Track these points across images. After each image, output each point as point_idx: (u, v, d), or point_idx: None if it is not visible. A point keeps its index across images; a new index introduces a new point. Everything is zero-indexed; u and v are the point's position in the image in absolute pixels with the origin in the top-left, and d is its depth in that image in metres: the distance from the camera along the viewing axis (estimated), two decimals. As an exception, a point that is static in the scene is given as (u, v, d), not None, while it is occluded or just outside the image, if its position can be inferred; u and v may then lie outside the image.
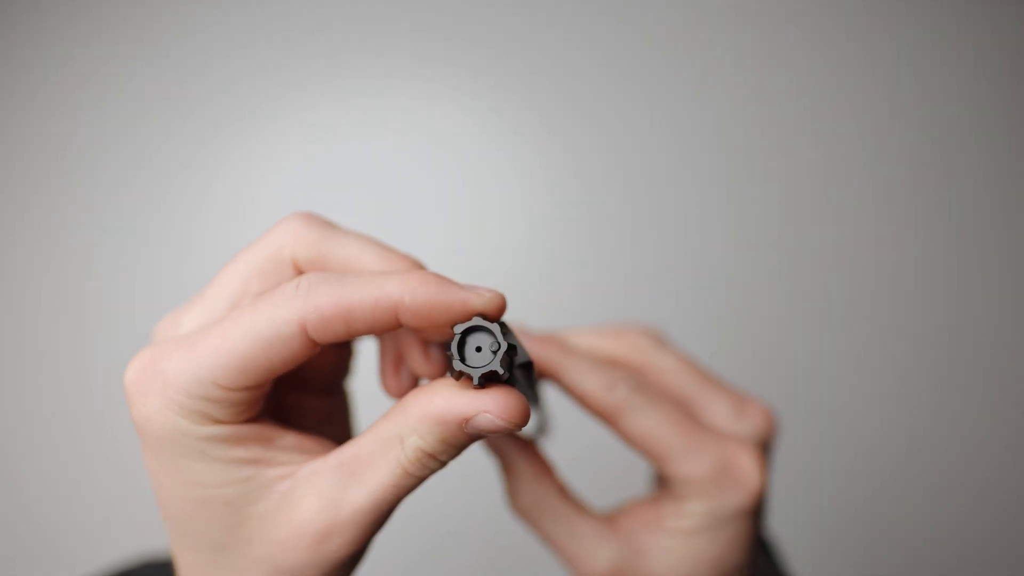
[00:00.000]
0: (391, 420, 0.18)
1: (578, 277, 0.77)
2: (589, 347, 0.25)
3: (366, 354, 0.30)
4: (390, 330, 0.17)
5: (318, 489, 0.17)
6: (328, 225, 0.19)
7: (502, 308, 0.18)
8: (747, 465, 0.22)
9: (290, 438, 0.19)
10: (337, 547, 0.18)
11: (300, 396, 0.21)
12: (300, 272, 0.19)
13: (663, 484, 0.25)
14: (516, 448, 0.24)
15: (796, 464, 0.78)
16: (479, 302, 0.17)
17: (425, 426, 0.17)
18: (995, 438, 0.78)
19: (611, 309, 0.77)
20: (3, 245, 0.80)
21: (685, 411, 0.23)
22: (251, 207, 0.81)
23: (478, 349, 0.17)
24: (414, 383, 0.22)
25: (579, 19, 0.82)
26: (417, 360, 0.19)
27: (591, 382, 0.23)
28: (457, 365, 0.17)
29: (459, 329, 0.17)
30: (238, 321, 0.17)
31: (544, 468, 0.24)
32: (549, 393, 0.29)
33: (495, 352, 0.17)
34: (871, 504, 0.79)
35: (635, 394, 0.22)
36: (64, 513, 0.75)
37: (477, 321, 0.17)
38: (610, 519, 0.24)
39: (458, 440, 0.17)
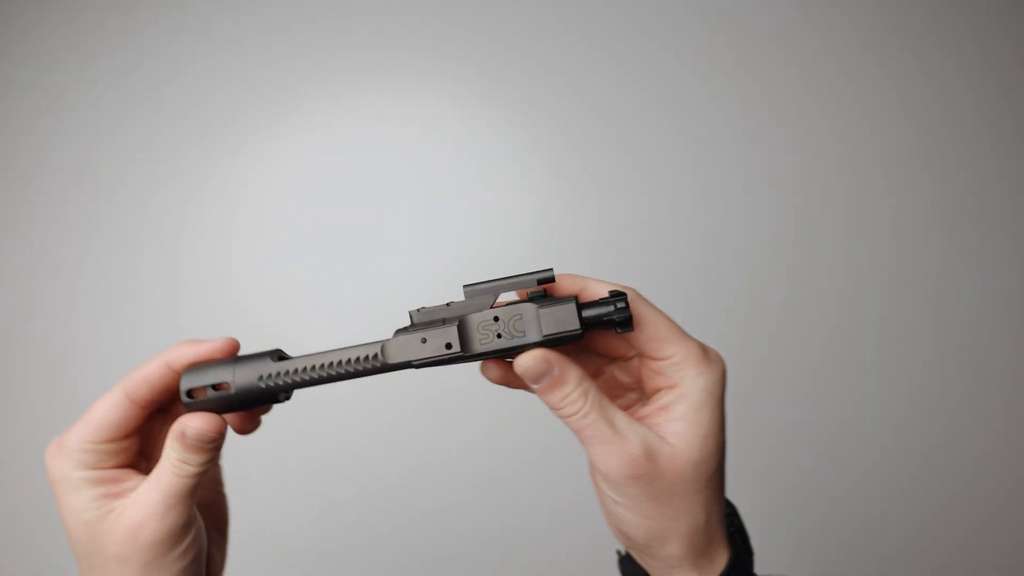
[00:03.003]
0: (166, 444, 0.31)
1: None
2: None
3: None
4: (172, 385, 0.32)
5: (135, 500, 0.30)
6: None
7: (191, 360, 0.31)
8: (714, 351, 0.31)
9: (136, 479, 0.31)
10: (151, 532, 0.30)
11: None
12: None
13: (640, 400, 0.33)
14: (564, 359, 0.29)
15: (800, 469, 0.77)
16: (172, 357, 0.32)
17: (171, 442, 0.30)
18: (998, 442, 0.78)
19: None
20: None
21: None
22: (248, 207, 0.81)
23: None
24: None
25: (586, 18, 0.82)
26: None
27: (607, 287, 0.31)
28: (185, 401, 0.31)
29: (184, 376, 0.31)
30: (96, 406, 0.31)
31: (585, 370, 0.30)
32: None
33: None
34: (881, 512, 0.78)
35: (641, 298, 0.31)
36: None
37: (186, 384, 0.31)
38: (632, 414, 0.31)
39: (189, 447, 0.30)
